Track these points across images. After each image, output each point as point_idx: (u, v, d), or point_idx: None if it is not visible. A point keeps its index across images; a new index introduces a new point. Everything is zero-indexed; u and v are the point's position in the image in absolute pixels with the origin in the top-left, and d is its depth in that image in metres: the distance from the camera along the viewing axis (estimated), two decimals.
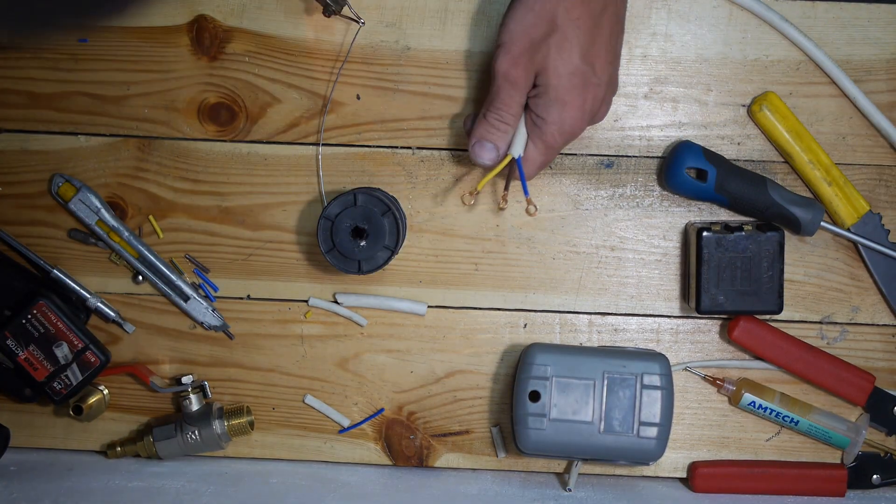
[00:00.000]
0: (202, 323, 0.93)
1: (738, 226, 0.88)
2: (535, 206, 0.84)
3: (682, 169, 0.88)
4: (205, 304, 0.93)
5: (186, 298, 0.93)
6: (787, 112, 0.89)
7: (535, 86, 0.79)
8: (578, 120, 0.80)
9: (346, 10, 0.87)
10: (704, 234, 0.88)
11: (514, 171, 0.83)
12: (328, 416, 0.94)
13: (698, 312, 0.89)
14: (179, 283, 0.93)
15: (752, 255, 0.88)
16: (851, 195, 0.90)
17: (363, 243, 0.85)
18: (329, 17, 0.86)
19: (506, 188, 0.86)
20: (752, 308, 0.89)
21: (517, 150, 0.81)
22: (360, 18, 0.89)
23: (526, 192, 0.81)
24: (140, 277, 0.93)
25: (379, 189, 0.90)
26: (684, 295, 0.92)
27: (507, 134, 0.81)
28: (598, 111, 0.82)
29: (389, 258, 0.85)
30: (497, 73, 0.79)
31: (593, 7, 0.77)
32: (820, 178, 0.90)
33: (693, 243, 0.89)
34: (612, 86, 0.82)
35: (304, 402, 0.94)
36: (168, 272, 0.92)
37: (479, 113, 0.82)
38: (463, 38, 0.91)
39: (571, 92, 0.79)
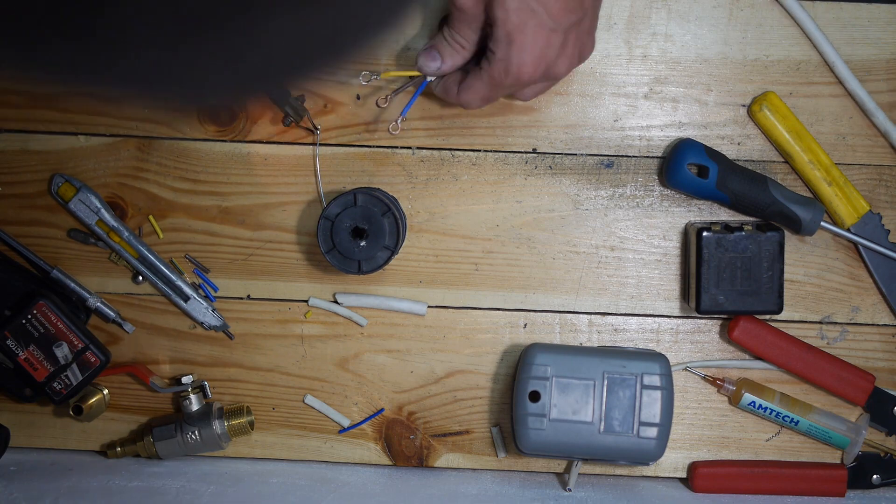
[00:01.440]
0: (202, 323, 0.93)
1: (738, 226, 0.88)
2: (399, 127, 0.88)
3: (683, 165, 0.88)
4: (205, 304, 0.93)
5: (186, 298, 0.93)
6: (787, 112, 0.89)
7: (489, 18, 0.76)
8: (529, 63, 0.77)
9: (304, 121, 0.89)
10: (704, 234, 0.88)
11: (448, 92, 0.83)
12: (328, 416, 0.94)
13: (698, 312, 0.89)
14: (179, 283, 0.93)
15: (752, 255, 0.88)
16: (851, 195, 0.90)
17: (363, 243, 0.85)
18: (288, 126, 0.89)
19: (403, 113, 0.87)
20: (752, 308, 0.89)
21: (430, 69, 0.82)
22: (317, 128, 0.90)
23: (403, 113, 0.85)
24: (140, 278, 0.93)
25: (379, 189, 0.90)
26: (684, 295, 0.92)
27: (457, 53, 0.80)
28: (554, 62, 0.78)
29: (389, 258, 0.85)
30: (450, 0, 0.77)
31: None
32: (820, 178, 0.90)
33: (693, 243, 0.89)
34: (577, 38, 0.78)
35: (304, 402, 0.94)
36: (168, 272, 0.92)
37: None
38: None
39: (520, 30, 0.75)
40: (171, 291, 0.93)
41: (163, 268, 0.92)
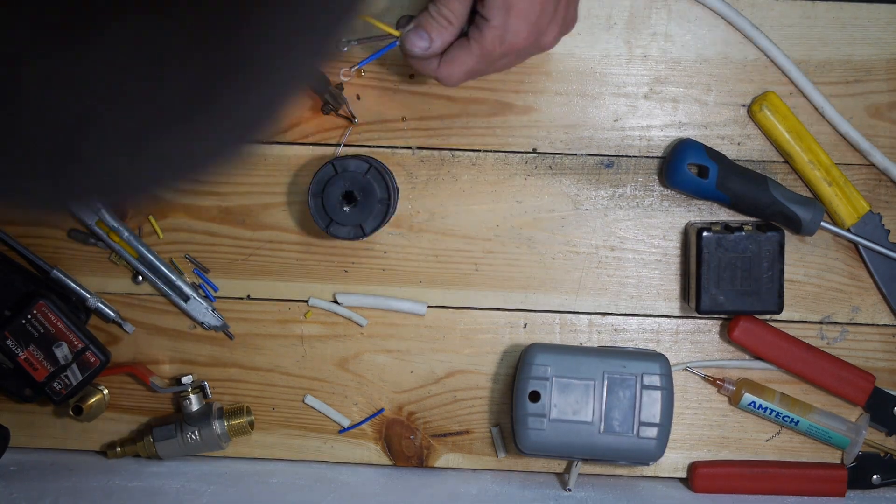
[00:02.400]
0: (202, 323, 0.93)
1: (738, 226, 0.88)
2: (351, 74, 0.88)
3: (683, 165, 0.88)
4: (205, 304, 0.93)
5: (186, 298, 0.93)
6: (787, 112, 0.89)
7: None
8: (524, 32, 0.75)
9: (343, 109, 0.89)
10: (704, 234, 0.88)
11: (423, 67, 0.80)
12: (328, 416, 0.94)
13: (698, 313, 0.89)
14: (179, 283, 0.93)
15: (752, 256, 0.88)
16: (851, 195, 0.90)
17: (357, 206, 0.85)
18: (327, 115, 0.88)
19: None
20: (752, 308, 0.89)
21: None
22: (354, 118, 0.90)
23: (360, 64, 0.86)
24: (140, 278, 0.93)
25: (357, 155, 0.88)
26: (684, 295, 0.92)
27: (446, 31, 0.76)
28: (545, 30, 0.76)
29: (388, 211, 0.86)
30: None
31: None
32: (820, 178, 0.90)
33: (693, 243, 0.89)
34: (565, 7, 0.77)
35: (304, 402, 0.94)
36: (168, 272, 0.92)
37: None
38: None
39: None
40: (171, 291, 0.93)
41: (162, 268, 0.92)
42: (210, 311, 0.93)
